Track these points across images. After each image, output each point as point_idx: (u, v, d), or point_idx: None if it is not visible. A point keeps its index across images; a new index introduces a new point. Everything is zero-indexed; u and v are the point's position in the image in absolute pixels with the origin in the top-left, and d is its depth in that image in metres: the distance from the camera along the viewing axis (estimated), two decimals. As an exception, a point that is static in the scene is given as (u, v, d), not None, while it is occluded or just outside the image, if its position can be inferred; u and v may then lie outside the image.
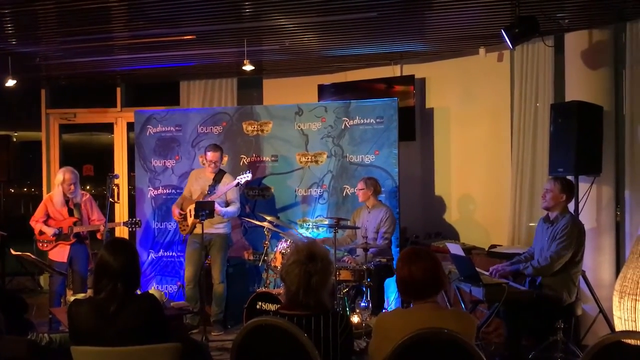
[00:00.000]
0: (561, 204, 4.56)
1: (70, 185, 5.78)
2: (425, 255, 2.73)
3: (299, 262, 2.63)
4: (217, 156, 5.95)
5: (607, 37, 5.51)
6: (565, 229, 4.42)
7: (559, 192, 4.55)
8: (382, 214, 5.79)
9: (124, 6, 4.92)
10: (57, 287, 5.83)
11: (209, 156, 5.95)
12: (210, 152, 5.95)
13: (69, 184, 5.78)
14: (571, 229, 4.42)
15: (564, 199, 4.56)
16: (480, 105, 6.63)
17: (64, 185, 5.79)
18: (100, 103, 8.55)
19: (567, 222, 4.46)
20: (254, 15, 5.22)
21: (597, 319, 5.07)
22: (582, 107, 5.15)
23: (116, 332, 2.73)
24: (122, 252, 2.87)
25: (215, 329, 5.87)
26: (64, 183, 5.79)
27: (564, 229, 4.43)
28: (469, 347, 2.36)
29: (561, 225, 4.46)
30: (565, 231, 4.41)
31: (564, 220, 4.49)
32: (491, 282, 4.42)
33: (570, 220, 4.48)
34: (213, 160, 5.95)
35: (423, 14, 5.29)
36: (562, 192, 4.55)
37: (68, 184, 5.78)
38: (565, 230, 4.42)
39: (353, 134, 6.40)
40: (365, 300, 5.35)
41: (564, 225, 4.45)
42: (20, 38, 5.84)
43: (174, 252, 6.78)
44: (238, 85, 7.95)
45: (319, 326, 2.59)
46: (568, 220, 4.47)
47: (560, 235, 4.42)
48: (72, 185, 5.79)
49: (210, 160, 5.95)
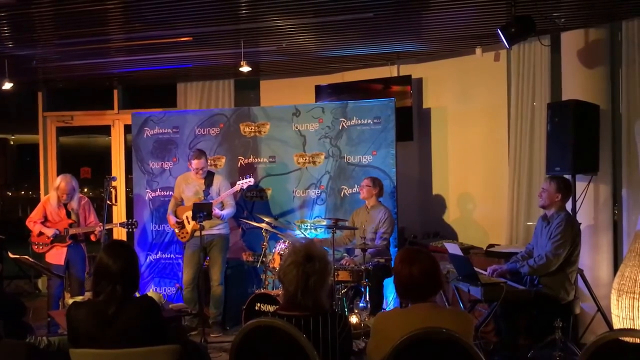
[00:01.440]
0: (557, 203, 4.58)
1: (64, 194, 5.85)
2: (422, 256, 2.72)
3: (296, 263, 2.63)
4: (202, 162, 5.91)
5: (603, 36, 5.52)
6: (559, 227, 4.45)
7: (554, 192, 4.57)
8: (381, 215, 5.81)
9: (120, 8, 4.92)
10: (55, 290, 5.83)
11: (194, 164, 5.91)
12: (195, 159, 5.90)
13: (62, 192, 5.85)
14: (565, 227, 4.44)
15: (560, 199, 4.58)
16: (477, 104, 6.64)
17: (58, 192, 5.86)
18: (97, 105, 8.55)
19: (561, 221, 4.48)
20: (250, 16, 5.22)
21: (596, 317, 5.08)
22: (579, 106, 5.15)
23: (115, 335, 2.73)
24: (121, 254, 2.86)
25: (214, 330, 5.87)
26: (59, 190, 5.86)
27: (558, 227, 4.46)
28: (467, 346, 2.37)
29: (556, 224, 4.49)
30: (560, 229, 4.44)
31: (558, 218, 4.51)
32: (489, 282, 4.42)
33: (565, 219, 4.50)
34: (199, 167, 5.91)
35: (419, 14, 5.30)
36: (557, 191, 4.57)
37: (62, 192, 5.85)
38: (559, 228, 4.44)
39: (350, 134, 6.41)
40: (363, 300, 5.36)
41: (557, 224, 4.47)
42: (17, 41, 5.83)
43: (172, 254, 6.78)
44: (235, 86, 7.96)
45: (318, 327, 2.58)
46: (562, 219, 4.49)
47: (555, 234, 4.44)
48: (65, 195, 5.85)
49: (197, 168, 5.92)
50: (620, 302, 4.12)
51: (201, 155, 5.93)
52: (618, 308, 4.15)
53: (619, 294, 4.13)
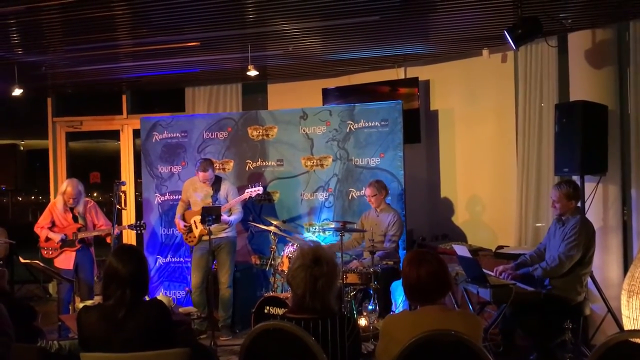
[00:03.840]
0: (572, 209, 4.56)
1: (70, 198, 5.88)
2: (430, 258, 2.72)
3: (304, 266, 2.64)
4: (208, 175, 5.93)
5: (610, 37, 5.50)
6: (574, 229, 4.42)
7: (566, 200, 4.53)
8: (390, 218, 5.80)
9: (128, 14, 4.95)
10: (65, 295, 5.87)
11: (201, 177, 5.94)
12: (201, 172, 5.91)
13: (69, 196, 5.88)
14: (580, 229, 4.41)
15: (574, 205, 4.56)
16: (485, 106, 6.63)
17: (65, 197, 5.90)
18: (106, 110, 8.59)
19: (576, 223, 4.45)
20: (257, 21, 5.24)
21: (606, 319, 5.05)
22: (587, 106, 5.14)
23: (125, 339, 2.74)
24: (130, 258, 2.87)
25: (223, 333, 5.89)
26: (65, 195, 5.90)
27: (572, 229, 4.43)
28: (476, 348, 2.36)
29: (570, 226, 4.47)
30: (574, 231, 4.41)
31: (573, 220, 4.49)
32: (498, 284, 4.41)
33: (580, 221, 4.48)
34: (205, 179, 5.95)
35: (425, 16, 5.30)
36: (569, 198, 4.53)
37: (69, 196, 5.89)
38: (574, 230, 4.42)
39: (358, 137, 6.41)
40: (372, 303, 5.36)
41: (572, 226, 4.45)
42: (26, 47, 5.88)
43: (181, 257, 6.80)
44: (243, 90, 7.98)
45: (327, 329, 2.59)
46: (577, 221, 4.47)
47: (569, 236, 4.42)
48: (71, 200, 5.89)
49: (204, 180, 5.96)
50: (631, 302, 4.09)
51: (207, 168, 5.92)
52: (628, 309, 4.12)
53: (629, 294, 4.10)
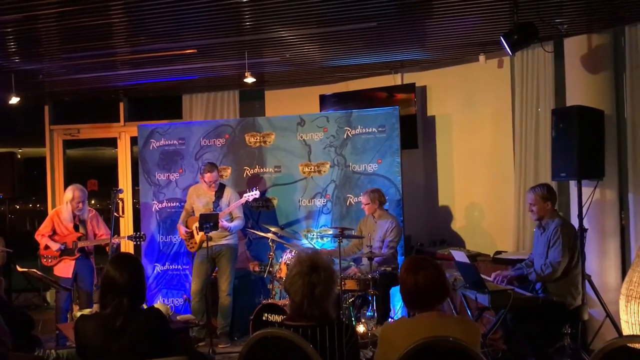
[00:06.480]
0: (549, 211, 4.62)
1: (78, 203, 5.85)
2: (427, 264, 2.72)
3: (302, 273, 2.63)
4: (214, 175, 5.95)
5: (606, 41, 5.52)
6: (555, 234, 4.49)
7: (542, 202, 4.62)
8: (388, 224, 5.80)
9: (125, 22, 4.96)
10: (63, 303, 5.84)
11: (207, 178, 5.95)
12: (207, 173, 5.94)
13: (77, 201, 5.84)
14: (561, 233, 4.48)
15: (550, 206, 4.64)
16: (482, 111, 6.65)
17: (73, 203, 5.85)
18: (103, 118, 8.60)
19: (556, 227, 4.52)
20: (254, 28, 5.25)
21: (605, 323, 5.04)
22: (583, 111, 5.14)
23: (122, 347, 2.74)
24: (127, 267, 2.87)
25: (221, 341, 5.87)
26: (73, 201, 5.85)
27: (554, 234, 4.51)
28: (474, 354, 2.36)
29: (551, 231, 4.53)
30: (557, 236, 4.48)
31: (553, 225, 4.55)
32: (497, 289, 4.41)
33: (559, 224, 4.54)
34: (212, 180, 5.95)
35: (422, 22, 5.32)
36: (545, 200, 4.62)
37: (77, 201, 5.84)
38: (556, 235, 4.49)
39: (355, 143, 6.42)
40: (370, 309, 5.35)
41: (553, 230, 4.52)
42: (23, 56, 5.89)
43: (179, 265, 6.79)
44: (240, 97, 7.99)
45: (325, 336, 2.59)
46: (557, 225, 4.53)
47: (553, 242, 4.49)
48: (80, 204, 5.85)
49: (210, 181, 5.96)
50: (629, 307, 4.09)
51: (213, 169, 5.96)
52: (627, 314, 4.11)
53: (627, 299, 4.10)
